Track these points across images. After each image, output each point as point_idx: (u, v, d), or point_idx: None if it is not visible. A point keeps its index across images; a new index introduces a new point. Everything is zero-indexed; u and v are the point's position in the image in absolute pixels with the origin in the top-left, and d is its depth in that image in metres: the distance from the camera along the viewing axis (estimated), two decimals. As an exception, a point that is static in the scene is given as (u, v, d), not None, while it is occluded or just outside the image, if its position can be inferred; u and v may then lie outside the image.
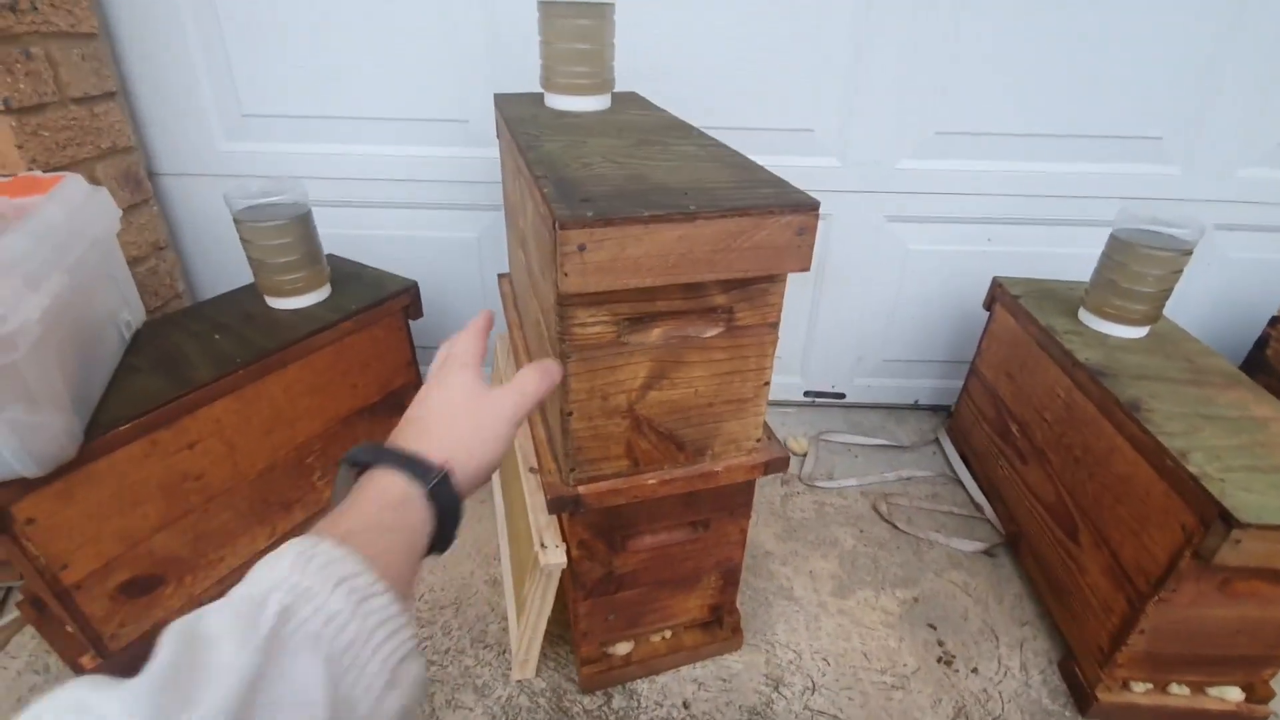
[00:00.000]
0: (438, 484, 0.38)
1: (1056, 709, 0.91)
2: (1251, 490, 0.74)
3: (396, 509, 0.36)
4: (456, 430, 0.42)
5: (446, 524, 0.38)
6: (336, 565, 0.29)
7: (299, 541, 0.30)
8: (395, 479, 0.37)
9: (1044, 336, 1.06)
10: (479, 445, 0.42)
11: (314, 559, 0.29)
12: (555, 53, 0.89)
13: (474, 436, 0.42)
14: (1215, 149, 1.24)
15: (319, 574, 0.28)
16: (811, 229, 0.61)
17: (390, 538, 0.34)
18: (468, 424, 0.43)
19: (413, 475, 0.37)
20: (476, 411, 0.43)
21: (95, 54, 1.11)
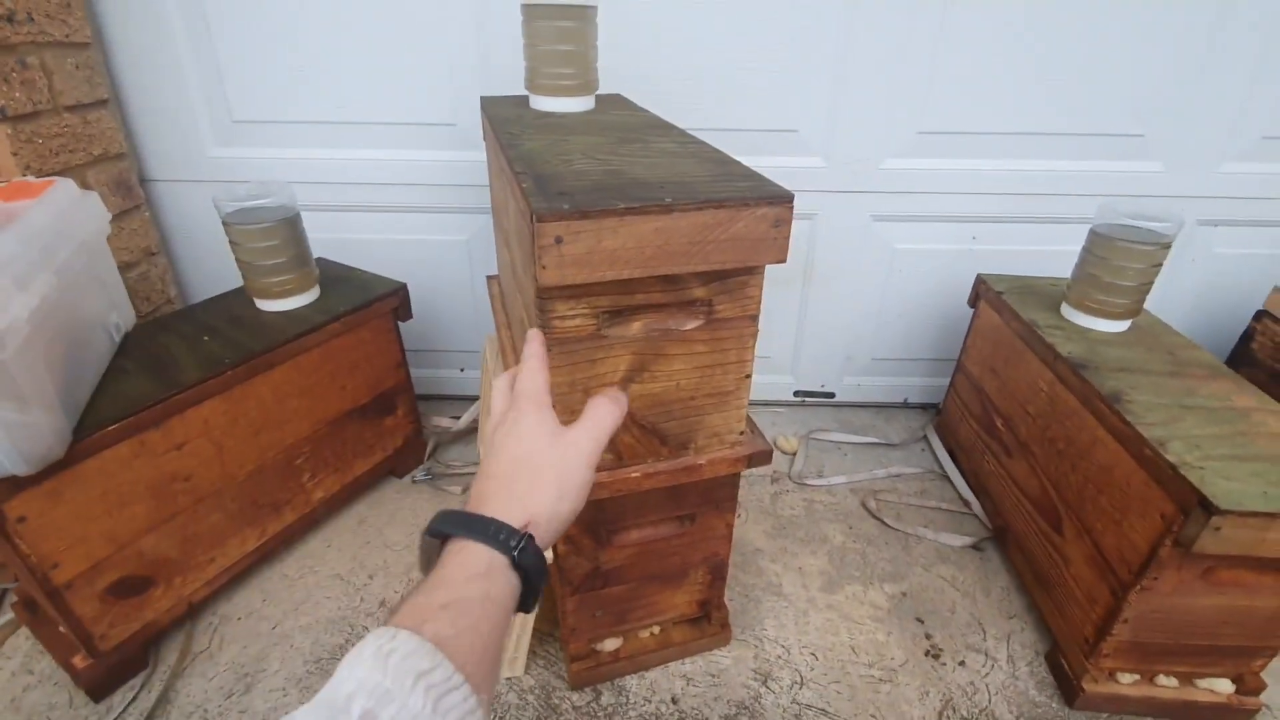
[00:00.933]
0: (522, 550, 0.37)
1: (1043, 700, 0.92)
2: (1232, 478, 0.75)
3: (481, 580, 0.36)
4: (538, 485, 0.41)
5: (535, 581, 0.38)
6: (414, 659, 0.30)
7: (378, 635, 0.31)
8: (478, 550, 0.37)
9: (1027, 332, 1.07)
10: (562, 497, 0.41)
11: (393, 654, 0.30)
12: (539, 54, 0.90)
13: (556, 489, 0.41)
14: (1197, 145, 1.26)
15: (398, 670, 0.29)
16: (787, 221, 0.62)
17: (475, 611, 0.34)
18: (549, 475, 0.42)
19: (495, 544, 0.37)
20: (556, 461, 0.42)
21: (88, 63, 1.13)
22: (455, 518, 0.39)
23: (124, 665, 0.91)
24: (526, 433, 0.43)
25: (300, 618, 1.01)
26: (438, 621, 0.32)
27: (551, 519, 0.40)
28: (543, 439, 0.43)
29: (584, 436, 0.44)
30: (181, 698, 0.90)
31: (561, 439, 0.43)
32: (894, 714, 0.89)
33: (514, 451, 0.43)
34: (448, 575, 0.36)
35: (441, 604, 0.34)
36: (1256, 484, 0.74)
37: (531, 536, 0.38)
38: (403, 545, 1.14)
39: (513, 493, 0.40)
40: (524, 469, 0.42)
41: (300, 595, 1.05)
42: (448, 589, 0.35)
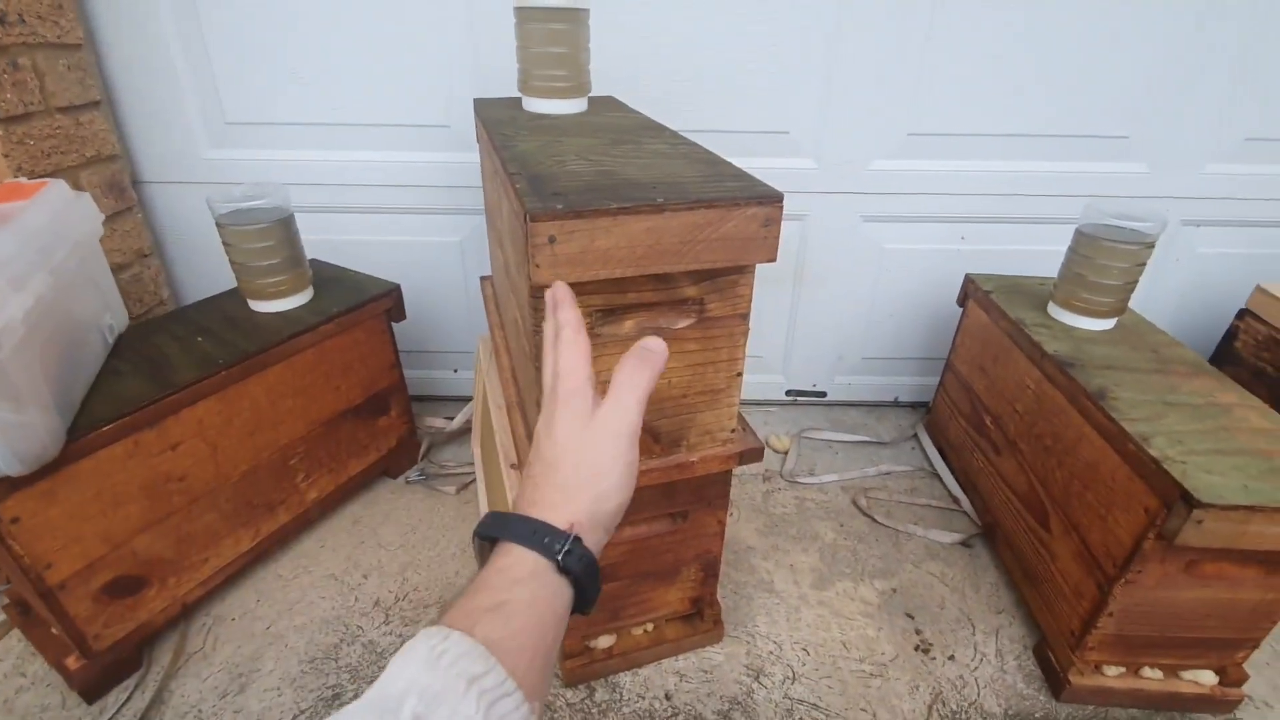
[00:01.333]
0: (567, 553, 0.36)
1: (1031, 693, 0.93)
2: (1213, 472, 0.76)
3: (527, 583, 0.35)
4: (577, 480, 0.39)
5: (586, 584, 0.37)
6: (466, 662, 0.30)
7: (432, 633, 0.31)
8: (523, 553, 0.36)
9: (1014, 330, 1.09)
10: (600, 497, 0.39)
11: (445, 654, 0.30)
12: (531, 57, 0.91)
13: (596, 482, 0.39)
14: (1181, 147, 1.28)
15: (449, 672, 0.29)
16: (776, 220, 0.63)
17: (523, 615, 0.34)
18: (587, 469, 0.39)
19: (539, 548, 0.36)
20: (591, 450, 0.40)
21: (80, 64, 1.13)
22: (500, 520, 0.38)
23: (118, 666, 0.91)
24: (559, 428, 0.41)
25: (294, 618, 1.02)
26: (488, 624, 0.32)
27: (595, 519, 0.39)
28: (575, 432, 0.40)
29: (613, 414, 0.41)
30: (175, 698, 0.90)
31: (592, 427, 0.40)
32: (884, 708, 0.90)
33: (549, 451, 0.41)
34: (494, 578, 0.35)
35: (490, 606, 0.33)
36: (1237, 478, 0.76)
37: (579, 539, 0.37)
38: (397, 545, 1.15)
39: (552, 496, 0.39)
40: (561, 466, 0.40)
41: (294, 595, 1.05)
42: (495, 592, 0.34)
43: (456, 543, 1.15)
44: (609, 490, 0.40)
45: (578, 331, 0.43)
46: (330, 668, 0.94)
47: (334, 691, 0.91)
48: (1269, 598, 0.83)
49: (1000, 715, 0.90)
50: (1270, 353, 1.18)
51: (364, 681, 0.92)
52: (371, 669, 0.94)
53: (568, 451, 0.40)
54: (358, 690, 0.91)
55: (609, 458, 0.40)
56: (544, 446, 0.41)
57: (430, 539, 1.16)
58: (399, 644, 0.97)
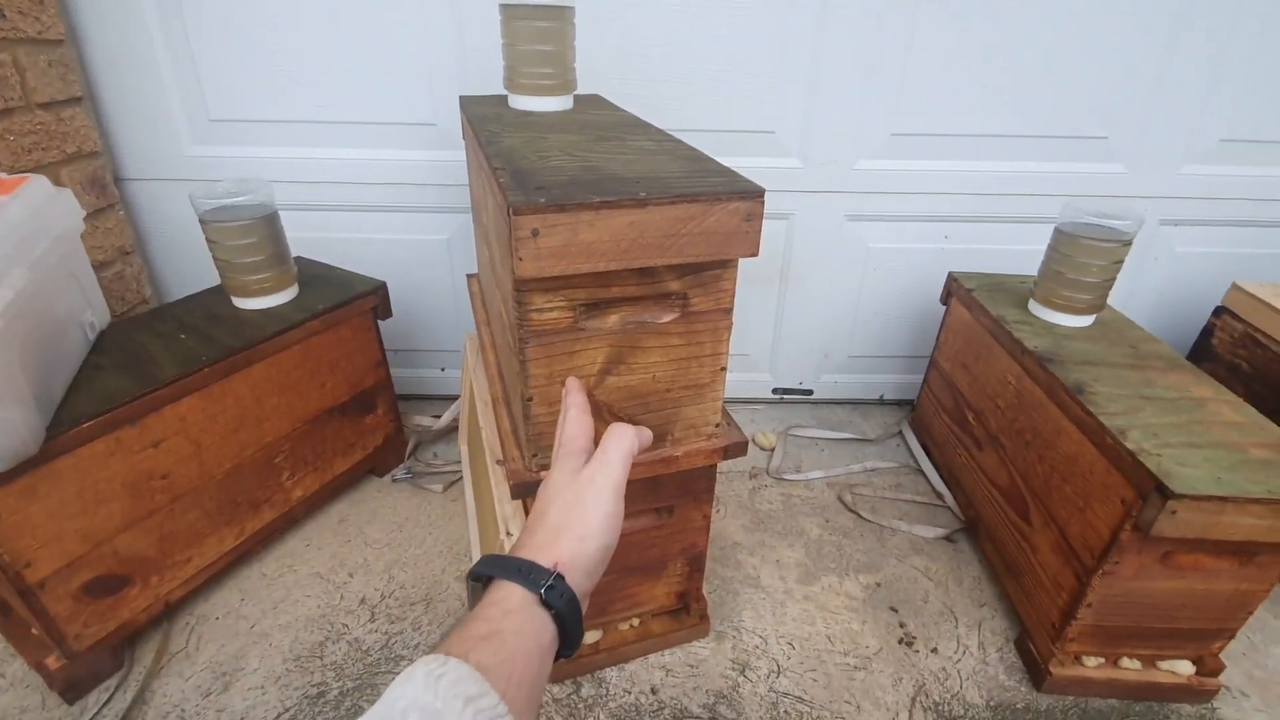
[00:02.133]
0: (549, 588, 0.40)
1: (1012, 684, 0.94)
2: (1187, 464, 0.78)
3: (516, 615, 0.38)
4: (564, 526, 0.44)
5: (568, 621, 0.40)
6: (464, 685, 0.32)
7: (428, 660, 0.34)
8: (511, 587, 0.40)
9: (996, 327, 1.10)
10: (584, 538, 0.44)
11: (443, 677, 0.32)
12: (517, 54, 0.91)
13: (577, 530, 0.44)
14: (1158, 148, 1.30)
15: (448, 694, 0.32)
16: (758, 215, 0.64)
17: (512, 643, 0.37)
18: (572, 517, 0.45)
19: (524, 582, 0.40)
20: (576, 501, 0.45)
21: (62, 60, 1.12)
22: (493, 561, 0.42)
23: (99, 666, 0.90)
24: (552, 482, 0.47)
25: (279, 616, 1.01)
26: (480, 651, 0.35)
27: (576, 558, 0.43)
28: (564, 484, 0.47)
29: (598, 471, 0.47)
30: (158, 698, 0.89)
31: (579, 480, 0.46)
32: (868, 700, 0.91)
33: (541, 503, 0.46)
34: (487, 610, 0.39)
35: (482, 635, 0.36)
36: (1211, 469, 0.77)
37: (561, 576, 0.41)
38: (383, 543, 1.15)
39: (540, 538, 0.44)
40: (550, 514, 0.45)
41: (279, 594, 1.05)
42: (487, 623, 0.38)
43: (443, 540, 1.15)
44: (591, 533, 0.44)
45: (583, 411, 0.52)
46: (315, 666, 0.94)
47: (319, 690, 0.91)
48: (1243, 588, 0.84)
49: (982, 706, 0.91)
50: (1246, 349, 1.20)
51: (349, 679, 0.92)
52: (356, 666, 0.94)
53: (555, 500, 0.46)
54: (343, 688, 0.91)
55: (591, 504, 0.45)
56: (539, 499, 0.47)
57: (417, 537, 1.16)
58: (385, 641, 0.97)
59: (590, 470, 0.47)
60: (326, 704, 0.89)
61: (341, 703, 0.89)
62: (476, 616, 0.38)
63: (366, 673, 0.93)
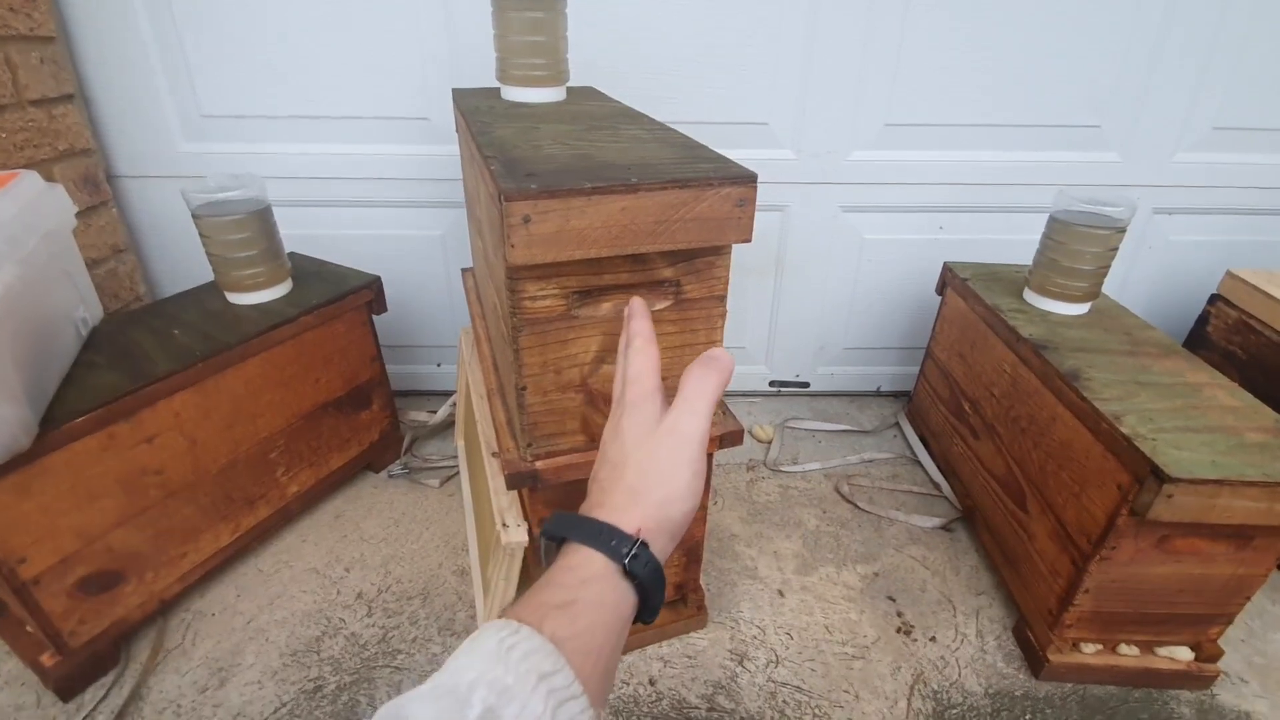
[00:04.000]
0: (633, 557, 0.36)
1: (1010, 672, 0.94)
2: (1183, 448, 0.78)
3: (596, 584, 0.35)
4: (644, 485, 0.39)
5: (651, 591, 0.37)
6: (537, 658, 0.29)
7: (501, 626, 0.31)
8: (590, 554, 0.36)
9: (991, 316, 1.10)
10: (666, 501, 0.39)
11: (514, 649, 0.29)
12: (509, 45, 0.91)
13: (660, 494, 0.39)
14: (1151, 136, 1.30)
15: (520, 667, 0.29)
16: (750, 200, 0.63)
17: (590, 615, 0.34)
18: (654, 473, 0.39)
19: (606, 550, 0.36)
20: (659, 455, 0.40)
21: (53, 57, 1.11)
22: (568, 520, 0.38)
23: (94, 663, 0.90)
24: (627, 431, 0.41)
25: (276, 612, 1.01)
26: (555, 620, 0.32)
27: (661, 525, 0.38)
28: (642, 437, 0.40)
29: (682, 419, 0.40)
30: (154, 694, 0.89)
31: (659, 433, 0.40)
32: (867, 689, 0.91)
33: (615, 455, 0.41)
34: (562, 576, 0.35)
35: (557, 604, 0.33)
36: (1206, 453, 0.77)
37: (645, 544, 0.37)
38: (380, 538, 1.14)
39: (619, 499, 0.39)
40: (626, 473, 0.40)
41: (275, 589, 1.04)
42: (564, 589, 0.34)
43: (440, 535, 1.15)
44: (676, 495, 0.39)
45: (648, 342, 0.44)
46: (312, 660, 0.93)
47: (316, 684, 0.90)
48: (1240, 572, 0.84)
49: (981, 694, 0.91)
50: (1240, 336, 1.20)
51: (346, 674, 0.92)
52: (354, 661, 0.93)
53: (635, 456, 0.40)
54: (340, 682, 0.91)
55: (677, 463, 0.39)
56: (611, 451, 0.41)
57: (414, 532, 1.16)
58: (382, 635, 0.97)
59: (672, 420, 0.40)
60: (324, 698, 0.89)
61: (339, 697, 0.89)
62: (551, 581, 0.35)
63: (364, 667, 0.93)
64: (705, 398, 0.41)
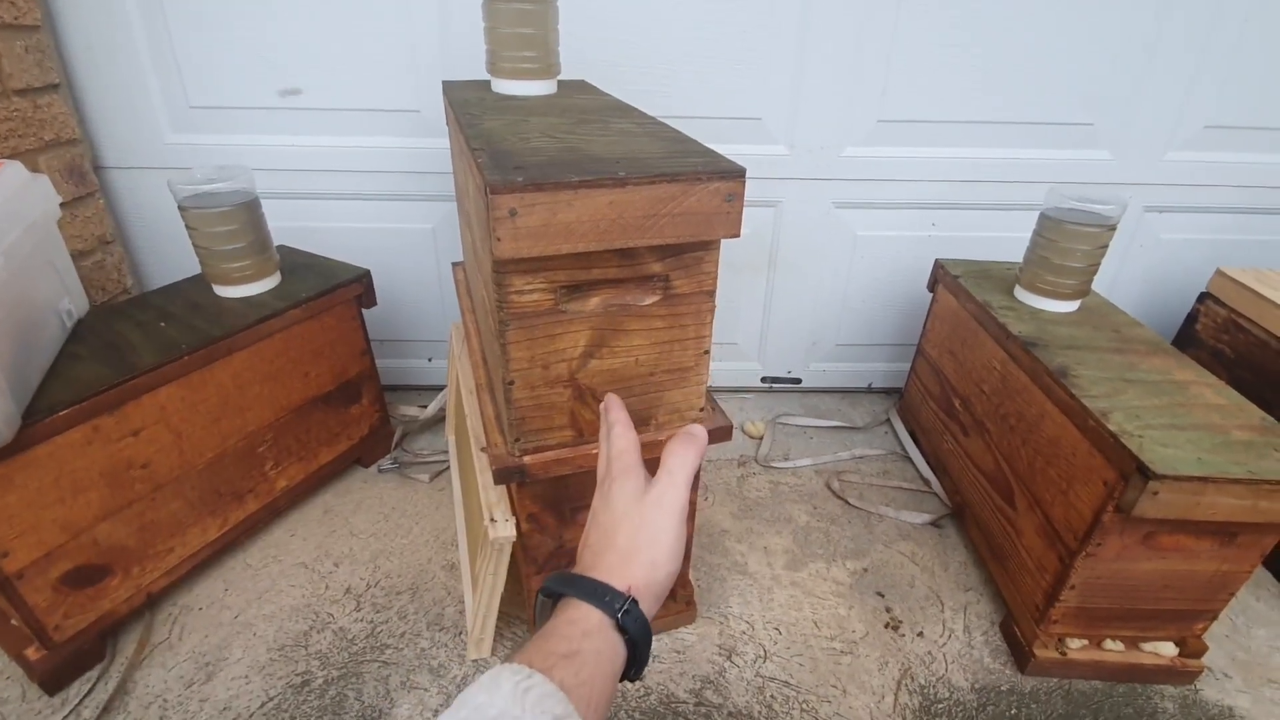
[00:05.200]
0: (625, 612, 0.39)
1: (997, 668, 0.95)
2: (1169, 445, 0.78)
3: (595, 637, 0.38)
4: (633, 548, 0.43)
5: (639, 648, 0.40)
6: (550, 702, 0.32)
7: (514, 670, 0.33)
8: (588, 609, 0.39)
9: (982, 313, 1.10)
10: (655, 565, 0.42)
11: (530, 691, 0.32)
12: (499, 38, 0.90)
13: (648, 558, 0.43)
14: (1143, 134, 1.30)
15: (536, 709, 0.31)
16: (739, 195, 0.63)
17: (591, 665, 0.36)
18: (642, 538, 0.43)
19: (600, 605, 0.39)
20: (644, 524, 0.44)
21: (39, 46, 1.10)
22: (566, 579, 0.41)
23: (80, 657, 0.90)
24: (616, 501, 0.45)
25: (264, 606, 1.00)
26: (562, 670, 0.34)
27: (649, 585, 0.42)
28: (630, 506, 0.45)
29: (666, 490, 0.45)
30: (140, 688, 0.89)
31: (645, 502, 0.45)
32: (854, 684, 0.92)
33: (606, 522, 0.45)
34: (565, 629, 0.38)
35: (563, 654, 0.36)
36: (1192, 450, 0.78)
37: (635, 601, 0.40)
38: (369, 533, 1.14)
39: (610, 561, 0.42)
40: (617, 539, 0.43)
41: (264, 584, 1.04)
42: (568, 641, 0.37)
43: (430, 530, 1.15)
44: (662, 559, 0.43)
45: (627, 427, 0.50)
46: (300, 655, 0.93)
47: (303, 679, 0.90)
48: (1225, 569, 0.85)
49: (967, 689, 0.92)
50: (1229, 335, 1.21)
51: (334, 668, 0.92)
52: (342, 655, 0.93)
53: (624, 522, 0.44)
54: (328, 676, 0.90)
55: (662, 529, 0.43)
56: (602, 518, 0.46)
57: (403, 527, 1.15)
58: (370, 630, 0.96)
59: (657, 492, 0.45)
60: (311, 692, 0.88)
61: (326, 691, 0.89)
62: (555, 633, 0.38)
63: (351, 661, 0.92)
64: (685, 470, 0.46)
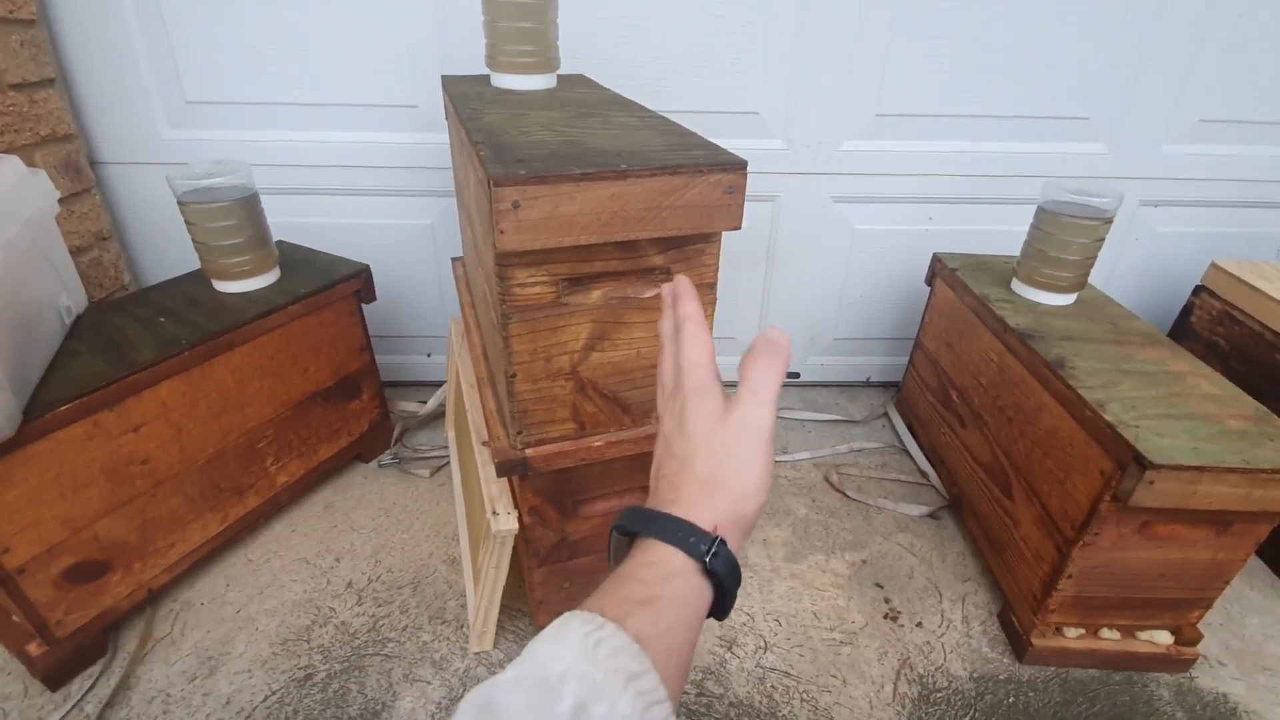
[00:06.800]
0: (714, 555, 0.35)
1: (995, 657, 0.96)
2: (1165, 435, 0.79)
3: (677, 581, 0.34)
4: (717, 479, 0.37)
5: (728, 588, 0.36)
6: (624, 657, 0.29)
7: (584, 619, 0.30)
8: (669, 551, 0.35)
9: (979, 306, 1.11)
10: (742, 498, 0.37)
11: (602, 644, 0.29)
12: (499, 31, 0.90)
13: (736, 490, 0.37)
14: (1139, 127, 1.31)
15: (608, 665, 0.28)
16: (740, 187, 0.64)
17: (672, 613, 0.33)
18: (727, 468, 0.37)
19: (685, 548, 0.35)
20: (728, 451, 0.38)
21: (34, 40, 1.09)
22: (644, 515, 0.37)
23: (82, 653, 0.90)
24: (693, 425, 0.39)
25: (265, 601, 1.01)
26: (639, 618, 0.31)
27: (736, 521, 0.37)
28: (711, 430, 0.38)
29: (751, 411, 0.38)
30: (143, 683, 0.89)
31: (727, 426, 0.38)
32: (854, 674, 0.92)
33: (682, 449, 0.39)
34: (643, 572, 0.34)
35: (640, 600, 0.32)
36: (1187, 440, 0.78)
37: (723, 541, 0.35)
38: (370, 528, 1.14)
39: (691, 494, 0.37)
40: (696, 468, 0.38)
41: (265, 579, 1.04)
42: (645, 586, 0.33)
43: (430, 524, 1.15)
44: (749, 491, 0.38)
45: (701, 326, 0.41)
46: (302, 649, 0.93)
47: (306, 673, 0.90)
48: (1219, 558, 0.86)
49: (965, 678, 0.93)
50: (1224, 327, 1.22)
51: (336, 662, 0.92)
52: (344, 649, 0.93)
53: (705, 449, 0.38)
54: (330, 670, 0.91)
55: (749, 457, 0.38)
56: (676, 444, 0.39)
57: (404, 522, 1.16)
58: (372, 624, 0.97)
59: (740, 414, 0.38)
60: (314, 686, 0.89)
61: (329, 685, 0.89)
62: (631, 576, 0.33)
63: (354, 655, 0.93)
64: (770, 387, 0.39)
